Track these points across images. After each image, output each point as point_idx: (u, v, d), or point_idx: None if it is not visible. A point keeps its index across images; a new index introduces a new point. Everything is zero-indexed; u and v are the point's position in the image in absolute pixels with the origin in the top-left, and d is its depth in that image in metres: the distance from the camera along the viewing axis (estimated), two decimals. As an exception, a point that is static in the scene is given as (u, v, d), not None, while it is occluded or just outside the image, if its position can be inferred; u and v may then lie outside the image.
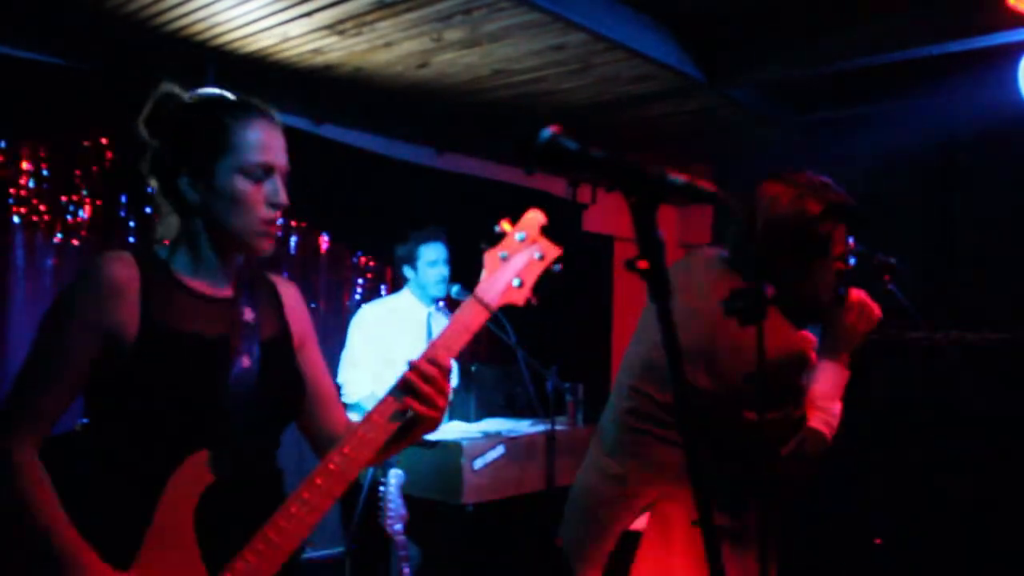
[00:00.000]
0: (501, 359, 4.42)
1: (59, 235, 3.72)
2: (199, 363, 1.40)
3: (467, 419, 3.95)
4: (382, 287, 5.04)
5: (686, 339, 1.12)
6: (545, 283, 1.48)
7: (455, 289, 3.81)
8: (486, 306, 1.44)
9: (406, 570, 3.07)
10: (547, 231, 1.48)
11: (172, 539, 1.33)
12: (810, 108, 4.57)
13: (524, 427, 3.79)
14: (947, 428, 4.09)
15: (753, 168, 2.13)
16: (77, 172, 3.72)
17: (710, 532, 0.92)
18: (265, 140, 1.44)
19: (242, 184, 1.41)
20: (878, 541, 3.82)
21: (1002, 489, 3.95)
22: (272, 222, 1.45)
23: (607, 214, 6.22)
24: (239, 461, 1.41)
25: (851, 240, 2.09)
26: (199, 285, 1.46)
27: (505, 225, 1.48)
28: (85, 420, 1.44)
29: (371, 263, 5.02)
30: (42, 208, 3.66)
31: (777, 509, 1.87)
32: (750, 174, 2.10)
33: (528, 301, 1.46)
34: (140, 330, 1.36)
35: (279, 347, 1.53)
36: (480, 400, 4.09)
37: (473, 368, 4.21)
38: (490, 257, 1.46)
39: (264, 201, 1.43)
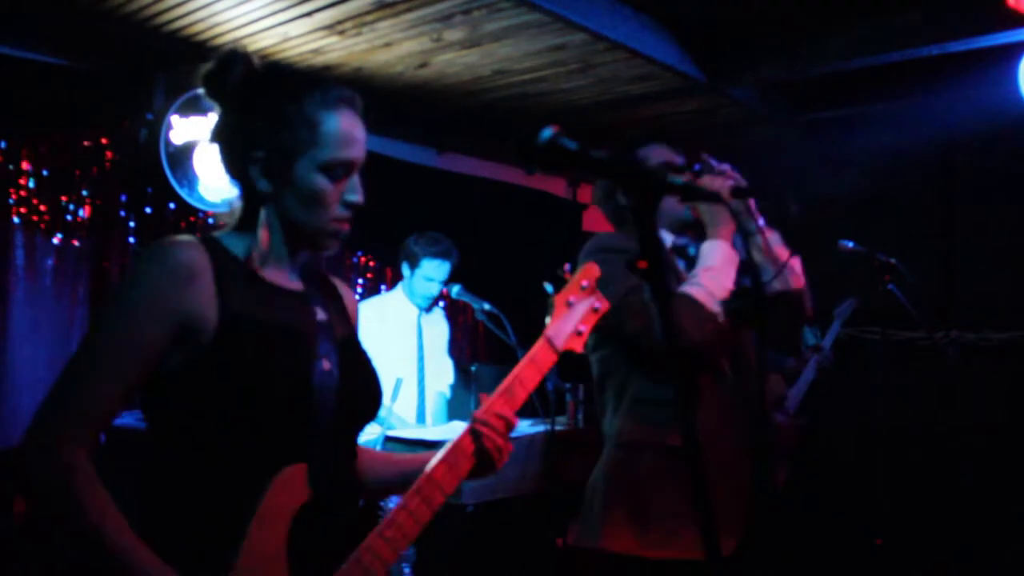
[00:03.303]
0: (501, 359, 4.42)
1: (59, 235, 3.72)
2: (288, 359, 1.25)
3: (467, 419, 3.96)
4: (382, 287, 5.05)
5: None
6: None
7: (455, 289, 3.81)
8: (555, 349, 1.49)
9: (406, 570, 3.07)
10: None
11: (263, 563, 1.18)
12: (810, 108, 4.57)
13: (524, 427, 3.79)
14: (947, 428, 4.09)
15: (753, 168, 2.17)
16: (77, 172, 3.72)
17: (707, 512, 0.91)
18: (351, 134, 1.32)
19: (321, 182, 1.28)
20: (879, 541, 3.82)
21: (1002, 489, 3.96)
22: (345, 220, 1.33)
23: (607, 214, 6.21)
24: (332, 475, 1.27)
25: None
26: (270, 275, 1.32)
27: (567, 271, 1.54)
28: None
29: (371, 263, 5.02)
30: (42, 208, 3.65)
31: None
32: (750, 174, 2.14)
33: (581, 352, 1.53)
34: (220, 319, 1.21)
35: (353, 350, 1.40)
36: (479, 400, 4.09)
37: (473, 368, 4.21)
38: (559, 301, 1.50)
39: (340, 200, 1.31)
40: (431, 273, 3.78)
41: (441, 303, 4.08)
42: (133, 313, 1.20)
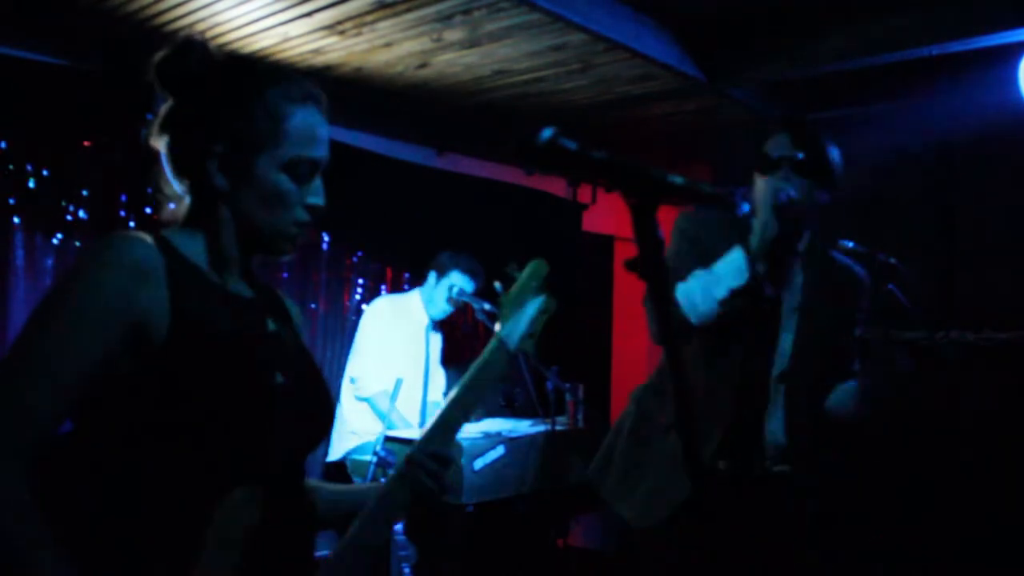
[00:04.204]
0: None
1: (59, 235, 3.72)
2: (247, 371, 1.15)
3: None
4: (382, 287, 5.05)
5: None
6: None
7: (455, 290, 3.82)
8: (508, 351, 1.46)
9: (406, 570, 3.07)
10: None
11: None
12: (810, 108, 4.57)
13: (524, 427, 3.79)
14: (947, 428, 4.09)
15: (753, 168, 2.16)
16: (77, 172, 3.72)
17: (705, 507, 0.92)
18: (317, 132, 1.24)
19: (283, 182, 1.20)
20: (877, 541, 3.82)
21: (1003, 489, 3.95)
22: (305, 225, 1.24)
23: (607, 214, 6.22)
24: (287, 497, 1.20)
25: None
26: (222, 279, 1.23)
27: (515, 269, 1.50)
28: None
29: (371, 263, 5.02)
30: (42, 208, 3.65)
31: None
32: (750, 174, 2.14)
33: (532, 353, 1.51)
34: (173, 324, 1.10)
35: (304, 363, 1.31)
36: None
37: (473, 368, 4.20)
38: (509, 301, 1.48)
39: (302, 202, 1.23)
40: (459, 286, 3.82)
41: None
42: (78, 312, 1.07)
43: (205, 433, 1.10)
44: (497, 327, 1.47)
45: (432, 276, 3.91)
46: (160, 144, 1.25)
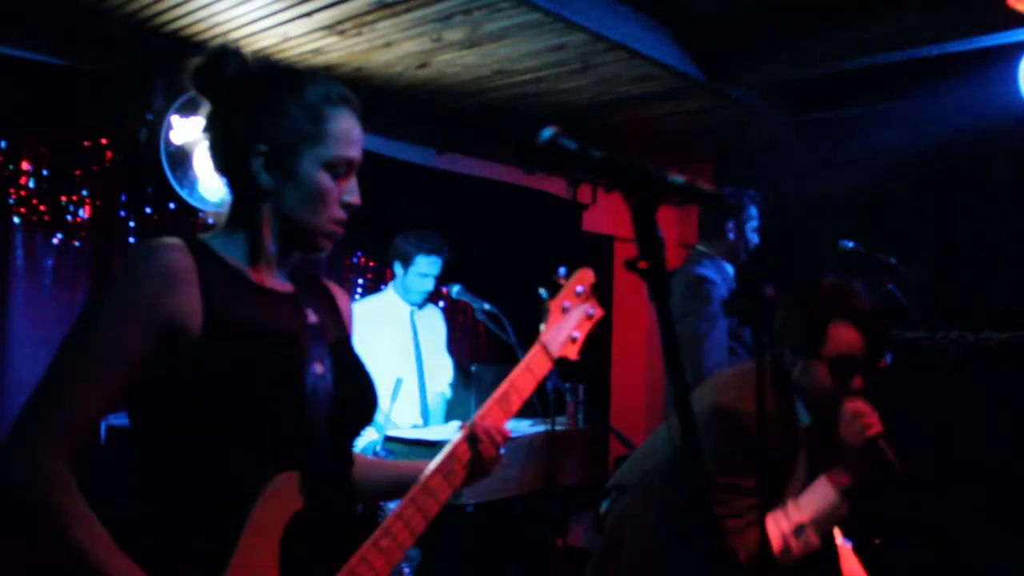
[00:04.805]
0: (501, 359, 4.41)
1: (59, 235, 3.72)
2: (279, 362, 1.21)
3: (467, 419, 3.96)
4: (382, 287, 5.04)
5: None
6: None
7: (455, 289, 3.82)
8: (551, 356, 1.48)
9: (406, 570, 3.07)
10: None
11: (255, 574, 1.16)
12: (810, 108, 4.57)
13: (524, 427, 3.79)
14: (947, 428, 4.09)
15: (753, 168, 2.14)
16: (77, 172, 3.71)
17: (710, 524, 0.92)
18: (355, 133, 1.33)
19: (324, 179, 1.28)
20: (878, 541, 3.82)
21: (1002, 489, 3.95)
22: (342, 223, 1.32)
23: (607, 214, 6.22)
24: (325, 482, 1.25)
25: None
26: (259, 277, 1.29)
27: (561, 276, 1.51)
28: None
29: (371, 263, 5.02)
30: (42, 208, 3.65)
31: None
32: (750, 174, 2.12)
33: (576, 359, 1.52)
34: (206, 322, 1.17)
35: (347, 353, 1.36)
36: (480, 400, 4.08)
37: (473, 368, 4.21)
38: (554, 306, 1.49)
39: (340, 199, 1.30)
40: (426, 269, 3.81)
41: (440, 303, 4.08)
42: (113, 317, 1.16)
43: (241, 424, 1.17)
44: (541, 328, 1.48)
45: (398, 267, 3.88)
46: (202, 146, 1.32)
